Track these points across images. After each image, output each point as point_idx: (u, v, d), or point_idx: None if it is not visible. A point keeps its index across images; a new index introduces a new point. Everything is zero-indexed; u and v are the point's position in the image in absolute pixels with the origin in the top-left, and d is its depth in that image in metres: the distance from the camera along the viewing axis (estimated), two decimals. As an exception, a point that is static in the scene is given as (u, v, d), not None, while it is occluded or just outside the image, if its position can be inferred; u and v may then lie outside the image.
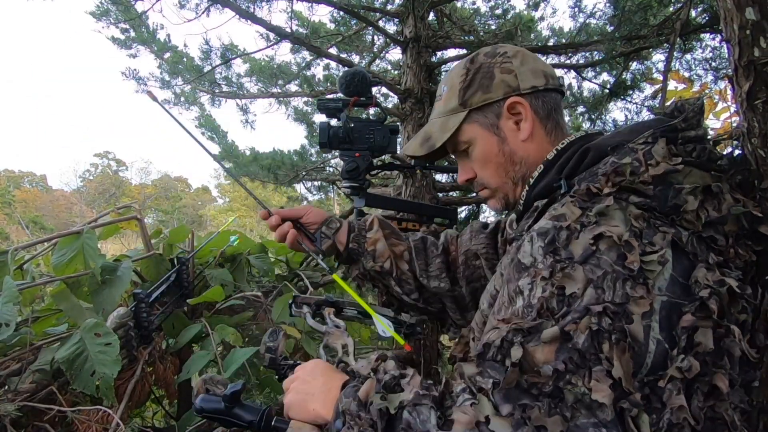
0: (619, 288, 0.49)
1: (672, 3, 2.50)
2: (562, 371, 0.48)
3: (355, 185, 1.43)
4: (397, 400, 0.55)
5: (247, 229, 16.50)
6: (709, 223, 0.54)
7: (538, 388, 0.48)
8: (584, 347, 0.48)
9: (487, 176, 0.81)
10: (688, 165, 0.57)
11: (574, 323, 0.49)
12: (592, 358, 0.48)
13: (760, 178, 0.61)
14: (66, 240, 1.31)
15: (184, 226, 1.71)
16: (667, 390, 0.48)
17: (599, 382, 0.47)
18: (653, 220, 0.54)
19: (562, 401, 0.47)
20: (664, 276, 0.51)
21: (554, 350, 0.49)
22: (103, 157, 31.22)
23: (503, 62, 0.78)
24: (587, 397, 0.47)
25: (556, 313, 0.51)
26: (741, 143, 0.62)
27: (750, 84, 0.54)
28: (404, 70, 2.47)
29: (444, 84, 0.84)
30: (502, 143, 0.78)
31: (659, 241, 0.52)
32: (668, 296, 0.50)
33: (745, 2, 0.51)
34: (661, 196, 0.55)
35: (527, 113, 0.76)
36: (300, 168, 3.33)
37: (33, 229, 10.77)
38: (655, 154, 0.57)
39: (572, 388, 0.47)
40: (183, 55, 3.18)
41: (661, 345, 0.49)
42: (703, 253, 0.53)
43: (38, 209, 23.59)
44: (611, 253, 0.51)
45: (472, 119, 0.79)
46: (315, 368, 0.69)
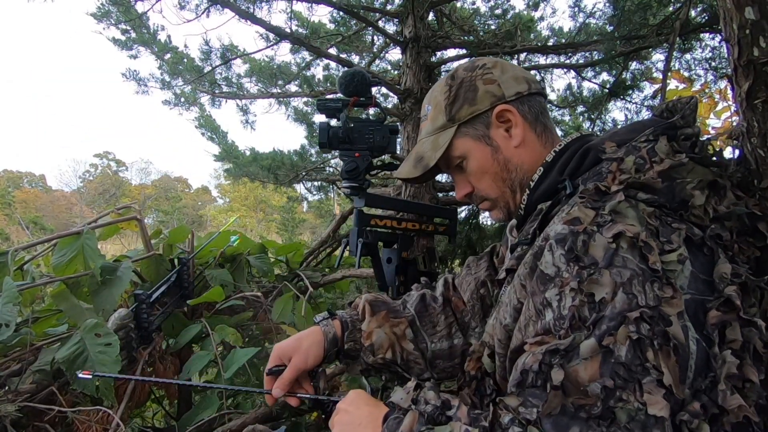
0: (649, 290, 0.48)
1: (671, 3, 2.50)
2: (611, 388, 0.45)
3: (355, 185, 1.43)
4: None
5: (247, 229, 16.51)
6: (716, 218, 0.54)
7: (586, 411, 0.46)
8: (627, 359, 0.46)
9: (485, 188, 0.81)
10: (692, 161, 0.57)
11: (611, 335, 0.47)
12: (638, 370, 0.45)
13: (760, 178, 0.61)
14: (66, 240, 1.31)
15: (184, 226, 1.71)
16: (720, 392, 0.46)
17: (652, 394, 0.44)
18: (665, 217, 0.53)
19: (614, 422, 0.45)
20: (685, 274, 0.50)
21: (598, 366, 0.46)
22: (103, 158, 31.23)
23: (484, 74, 0.79)
24: (642, 414, 0.44)
25: (588, 322, 0.49)
26: (740, 143, 0.63)
27: (749, 84, 0.54)
28: (404, 70, 2.47)
29: (427, 103, 0.84)
30: (495, 152, 0.78)
31: (675, 239, 0.51)
32: (692, 294, 0.49)
33: (744, 2, 0.51)
34: (668, 192, 0.55)
35: (517, 119, 0.77)
36: (300, 168, 3.33)
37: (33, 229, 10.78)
38: (659, 151, 0.57)
39: (624, 405, 0.45)
40: (183, 55, 3.18)
41: (700, 344, 0.47)
42: (716, 247, 0.53)
43: (38, 210, 23.58)
44: (634, 253, 0.50)
45: (462, 133, 0.79)
46: (358, 398, 0.68)
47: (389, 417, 0.60)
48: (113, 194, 27.56)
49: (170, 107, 3.54)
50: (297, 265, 2.15)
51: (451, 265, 2.99)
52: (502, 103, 0.77)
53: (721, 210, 0.54)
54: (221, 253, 1.79)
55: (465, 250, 2.93)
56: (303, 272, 2.00)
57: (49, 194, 29.09)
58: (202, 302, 1.56)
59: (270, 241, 2.20)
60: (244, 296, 1.69)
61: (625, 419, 0.44)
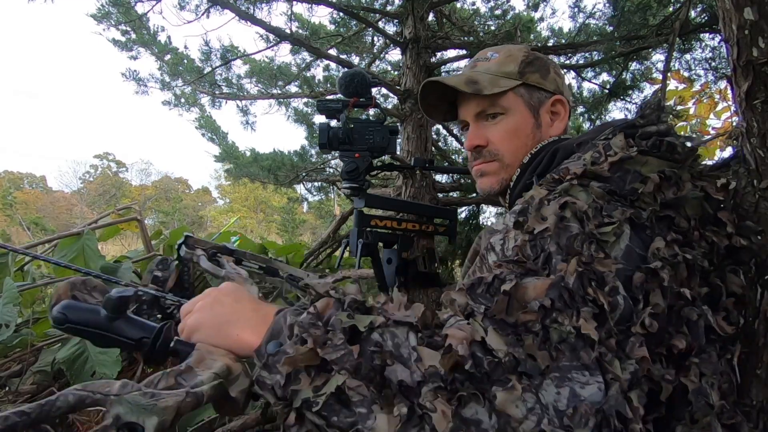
0: (586, 249, 0.51)
1: (671, 3, 2.50)
2: (549, 308, 0.48)
3: (355, 186, 1.43)
4: (367, 320, 0.49)
5: (247, 230, 16.52)
6: (667, 204, 0.57)
7: (526, 326, 0.48)
8: (574, 287, 0.49)
9: (506, 149, 0.82)
10: (644, 154, 0.60)
11: (564, 262, 0.50)
12: (579, 300, 0.48)
13: (759, 178, 0.61)
14: (66, 241, 1.31)
15: (184, 227, 1.71)
16: (631, 342, 0.49)
17: (587, 321, 0.47)
18: (614, 202, 0.56)
19: (548, 341, 0.47)
20: (620, 246, 0.53)
21: (546, 287, 0.49)
22: (103, 159, 31.25)
23: (556, 67, 0.87)
24: (572, 337, 0.46)
25: (533, 259, 0.53)
26: (740, 143, 0.63)
27: (749, 84, 0.55)
28: (404, 70, 2.47)
29: (495, 51, 0.87)
30: (536, 127, 0.83)
31: (617, 215, 0.54)
32: (623, 264, 0.52)
33: (743, 2, 0.51)
34: (620, 180, 0.58)
35: (565, 115, 0.84)
36: (300, 169, 3.33)
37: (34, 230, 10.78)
38: (614, 146, 0.60)
39: (558, 327, 0.47)
40: (183, 56, 3.18)
41: (627, 301, 0.50)
42: (663, 230, 0.56)
43: (39, 210, 23.60)
44: (575, 220, 0.54)
45: (520, 92, 0.83)
46: (237, 291, 0.59)
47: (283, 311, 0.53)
48: (113, 195, 27.58)
49: (170, 108, 3.54)
50: (297, 265, 2.15)
51: (452, 265, 2.99)
52: (562, 96, 0.84)
53: (669, 197, 0.56)
54: (221, 253, 1.79)
55: (465, 251, 2.93)
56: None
57: (49, 195, 29.11)
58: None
59: (270, 242, 2.20)
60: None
61: (556, 339, 0.47)
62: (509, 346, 0.47)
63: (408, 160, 2.10)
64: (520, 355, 0.46)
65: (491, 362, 0.46)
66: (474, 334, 0.48)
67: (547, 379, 0.45)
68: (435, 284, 1.92)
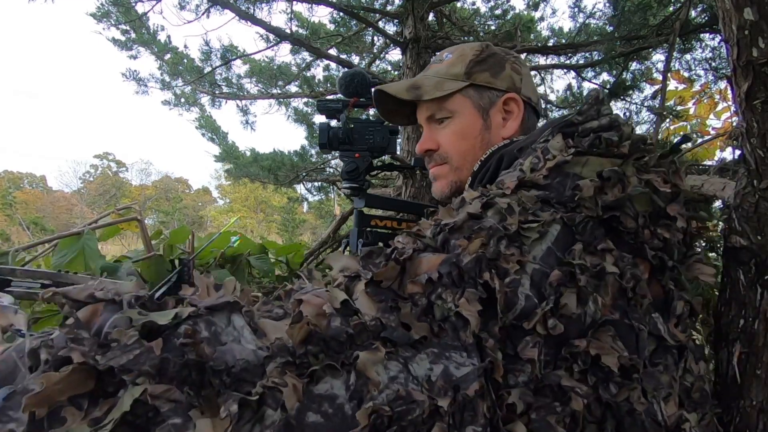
0: (493, 244, 0.48)
1: (671, 3, 2.50)
2: (435, 281, 0.45)
3: (355, 186, 1.43)
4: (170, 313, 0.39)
5: (247, 230, 16.54)
6: (609, 206, 0.53)
7: (414, 300, 0.45)
8: (467, 267, 0.46)
9: (453, 152, 0.81)
10: (583, 154, 0.56)
11: (466, 239, 0.48)
12: (470, 282, 0.46)
13: (759, 178, 0.61)
14: (66, 241, 1.31)
15: (184, 226, 1.71)
16: (524, 341, 0.46)
17: (469, 303, 0.44)
18: (547, 206, 0.53)
19: (432, 316, 0.45)
20: (541, 246, 0.50)
21: (439, 261, 0.47)
22: (103, 159, 31.26)
23: (514, 62, 0.82)
24: (452, 316, 0.44)
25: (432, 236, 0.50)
26: (740, 143, 0.63)
27: (749, 84, 0.55)
28: (404, 70, 2.47)
29: (450, 52, 0.84)
30: (484, 129, 0.79)
31: (545, 217, 0.51)
32: (540, 265, 0.49)
33: (743, 2, 0.51)
34: (559, 186, 0.54)
35: (519, 114, 0.79)
36: (300, 169, 3.33)
37: (34, 230, 10.79)
38: (551, 149, 0.57)
39: (441, 303, 0.45)
40: (183, 56, 3.18)
41: (530, 299, 0.47)
42: (596, 237, 0.52)
43: (39, 210, 23.61)
44: (495, 216, 0.51)
45: (468, 94, 0.80)
46: None
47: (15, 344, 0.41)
48: (113, 195, 27.59)
49: (170, 108, 3.55)
50: (297, 265, 2.15)
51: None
52: (516, 94, 0.79)
53: (608, 200, 0.53)
54: (222, 253, 1.79)
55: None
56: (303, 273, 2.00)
57: (49, 195, 29.12)
58: (202, 303, 1.56)
59: (270, 241, 2.20)
60: (245, 297, 1.69)
61: (438, 316, 0.45)
62: (380, 312, 0.44)
63: (408, 160, 2.10)
64: (389, 322, 0.43)
65: (357, 325, 0.42)
66: (333, 300, 0.44)
67: (422, 353, 0.43)
68: (435, 284, 1.92)
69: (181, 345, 0.37)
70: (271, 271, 1.94)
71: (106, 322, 0.37)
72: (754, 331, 0.64)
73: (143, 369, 0.35)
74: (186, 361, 0.36)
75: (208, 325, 0.39)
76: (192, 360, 0.36)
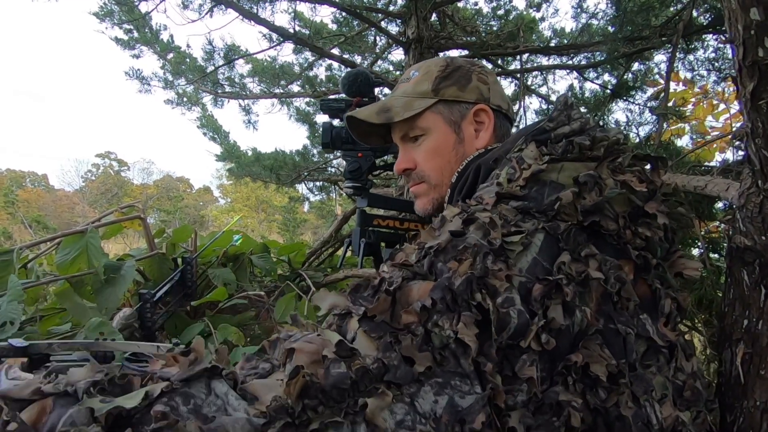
0: (479, 261, 0.48)
1: (674, 4, 2.49)
2: (430, 308, 0.44)
3: (358, 185, 1.43)
4: (138, 395, 0.35)
5: (248, 229, 16.54)
6: (588, 211, 0.53)
7: (411, 330, 0.44)
8: (459, 290, 0.45)
9: (430, 169, 0.81)
10: (558, 161, 0.56)
11: (456, 261, 0.47)
12: (463, 304, 0.45)
13: (764, 179, 0.61)
14: (70, 239, 1.31)
15: (187, 225, 1.72)
16: (521, 360, 0.46)
17: (467, 327, 0.44)
18: (528, 217, 0.53)
19: (431, 345, 0.44)
20: (527, 258, 0.50)
21: (430, 288, 0.46)
22: (105, 158, 31.30)
23: (480, 72, 0.82)
24: (452, 343, 0.43)
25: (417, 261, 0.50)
26: (745, 143, 0.63)
27: (754, 84, 0.54)
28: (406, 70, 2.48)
29: (416, 69, 0.84)
30: (458, 143, 0.79)
31: (528, 227, 0.51)
32: (527, 278, 0.49)
33: (749, 2, 0.51)
34: (537, 195, 0.54)
35: (490, 124, 0.80)
36: (302, 168, 3.33)
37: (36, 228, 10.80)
38: (526, 158, 0.57)
39: (439, 331, 0.44)
40: (186, 55, 3.19)
41: (522, 315, 0.46)
42: (579, 243, 0.52)
43: (41, 209, 23.65)
44: (478, 231, 0.51)
45: (438, 110, 0.80)
46: None
47: None
48: (115, 194, 27.63)
49: (173, 107, 3.55)
50: (299, 264, 2.15)
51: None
52: (485, 104, 0.80)
53: (586, 204, 0.53)
54: (224, 252, 1.79)
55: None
56: (305, 272, 2.00)
57: (51, 194, 29.17)
58: (205, 302, 1.56)
59: (272, 240, 2.20)
60: (247, 296, 1.70)
61: (437, 344, 0.44)
62: (381, 351, 0.42)
63: None
64: (391, 360, 0.41)
65: (359, 369, 0.40)
66: (326, 344, 0.41)
67: (425, 385, 0.42)
68: (437, 284, 1.91)
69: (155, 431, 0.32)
70: (273, 270, 1.94)
71: (59, 419, 0.32)
72: (758, 331, 0.64)
73: None
74: None
75: (185, 399, 0.35)
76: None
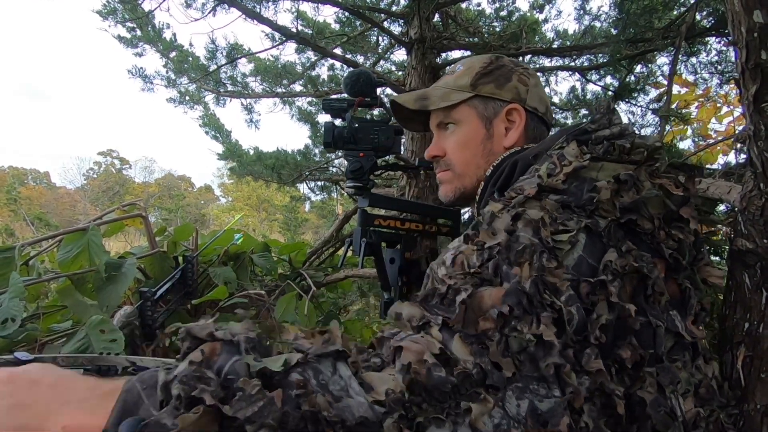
0: (536, 259, 0.49)
1: (677, 6, 2.49)
2: (507, 315, 0.46)
3: (359, 185, 1.43)
4: (280, 359, 0.39)
5: (249, 228, 16.54)
6: (627, 208, 0.55)
7: (486, 335, 0.46)
8: (531, 291, 0.47)
9: (456, 160, 0.85)
10: (598, 160, 0.59)
11: (518, 266, 0.49)
12: (538, 304, 0.46)
13: (766, 181, 0.61)
14: (71, 237, 1.32)
15: (188, 224, 1.72)
16: (586, 354, 0.47)
17: (547, 327, 0.45)
18: (569, 213, 0.55)
19: (509, 350, 0.45)
20: (573, 256, 0.52)
21: (502, 294, 0.47)
22: (107, 156, 31.35)
23: (522, 73, 0.85)
24: (531, 346, 0.44)
25: (478, 266, 0.51)
26: (747, 146, 0.63)
27: (757, 87, 0.55)
28: (409, 71, 2.47)
29: (461, 64, 0.88)
30: (486, 138, 0.83)
31: (572, 225, 0.53)
32: (572, 275, 0.50)
33: (753, 5, 0.51)
34: (577, 191, 0.57)
35: (520, 124, 0.82)
36: (303, 168, 3.34)
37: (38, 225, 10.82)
38: (567, 155, 0.60)
39: (518, 335, 0.45)
40: (188, 54, 3.19)
41: (580, 311, 0.48)
42: (620, 240, 0.54)
43: (42, 206, 23.69)
44: (528, 229, 0.52)
45: (473, 104, 0.84)
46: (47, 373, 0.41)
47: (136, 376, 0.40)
48: (117, 192, 27.66)
49: (175, 105, 3.56)
50: (300, 264, 2.16)
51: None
52: (520, 104, 0.83)
53: (626, 201, 0.55)
54: (225, 251, 1.79)
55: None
56: (306, 272, 2.00)
57: (53, 191, 29.22)
58: (205, 300, 1.56)
59: (273, 240, 2.21)
60: (248, 294, 1.70)
61: (516, 348, 0.45)
62: (475, 356, 0.44)
63: (412, 160, 2.10)
64: (486, 365, 0.43)
65: (461, 374, 0.42)
66: (430, 346, 0.44)
67: (508, 390, 0.43)
68: (437, 284, 1.92)
69: (296, 397, 0.36)
70: (274, 269, 1.94)
71: (226, 363, 0.37)
72: (759, 334, 0.64)
73: (266, 422, 0.35)
74: (303, 414, 0.36)
75: (315, 373, 0.39)
76: (308, 412, 0.36)
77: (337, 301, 2.49)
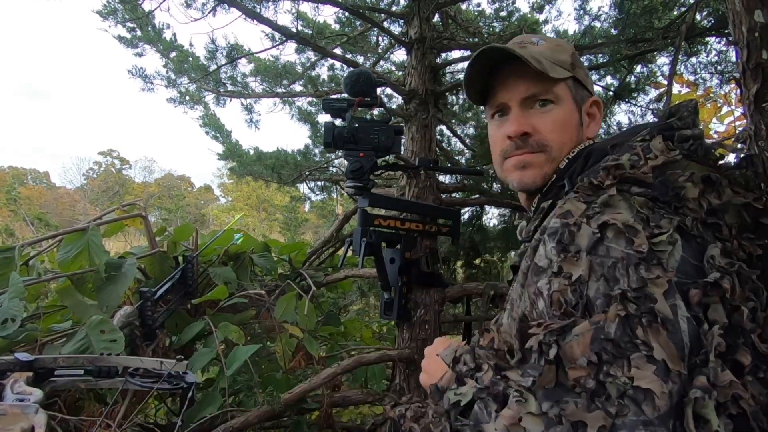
0: (633, 273, 0.48)
1: (677, 6, 2.49)
2: (596, 363, 0.46)
3: (359, 185, 1.43)
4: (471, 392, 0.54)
5: (249, 228, 16.53)
6: (713, 210, 0.55)
7: (581, 385, 0.46)
8: (617, 336, 0.46)
9: (554, 141, 0.74)
10: (686, 158, 0.58)
11: (603, 312, 0.48)
12: (628, 346, 0.46)
13: (767, 180, 0.61)
14: (72, 237, 1.32)
15: (188, 224, 1.72)
16: (711, 369, 0.46)
17: (640, 369, 0.44)
18: (658, 209, 0.54)
19: (608, 398, 0.45)
20: (675, 257, 0.50)
21: (589, 342, 0.47)
22: (107, 156, 31.33)
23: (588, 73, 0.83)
24: (630, 389, 0.44)
25: (576, 304, 0.51)
26: (748, 145, 0.63)
27: (758, 86, 0.54)
28: (409, 71, 2.47)
29: (541, 39, 0.79)
30: (579, 125, 0.77)
31: (666, 225, 0.52)
32: (679, 277, 0.49)
33: (753, 5, 0.51)
34: (662, 186, 0.55)
35: (600, 117, 0.79)
36: (303, 168, 3.33)
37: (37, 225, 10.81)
38: (653, 148, 0.58)
39: (613, 380, 0.45)
40: (189, 54, 3.18)
41: (690, 323, 0.47)
42: (711, 238, 0.54)
43: (42, 206, 23.67)
44: (619, 240, 0.51)
45: (570, 85, 0.76)
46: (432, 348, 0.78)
47: None
48: (116, 192, 27.65)
49: (175, 105, 3.55)
50: (300, 264, 2.15)
51: (454, 266, 2.98)
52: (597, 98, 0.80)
53: (715, 203, 0.54)
54: (225, 251, 1.79)
55: (468, 252, 2.93)
56: (306, 271, 2.00)
57: (53, 191, 29.21)
58: (205, 300, 1.56)
59: (273, 240, 2.20)
60: (248, 294, 1.70)
61: (615, 394, 0.44)
62: (546, 427, 0.46)
63: (412, 160, 2.10)
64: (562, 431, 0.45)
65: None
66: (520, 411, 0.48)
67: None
68: (437, 284, 1.91)
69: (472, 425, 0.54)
70: (274, 269, 1.94)
71: None
72: (760, 334, 0.64)
73: None
74: None
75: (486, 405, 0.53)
76: None
77: (337, 301, 2.49)
